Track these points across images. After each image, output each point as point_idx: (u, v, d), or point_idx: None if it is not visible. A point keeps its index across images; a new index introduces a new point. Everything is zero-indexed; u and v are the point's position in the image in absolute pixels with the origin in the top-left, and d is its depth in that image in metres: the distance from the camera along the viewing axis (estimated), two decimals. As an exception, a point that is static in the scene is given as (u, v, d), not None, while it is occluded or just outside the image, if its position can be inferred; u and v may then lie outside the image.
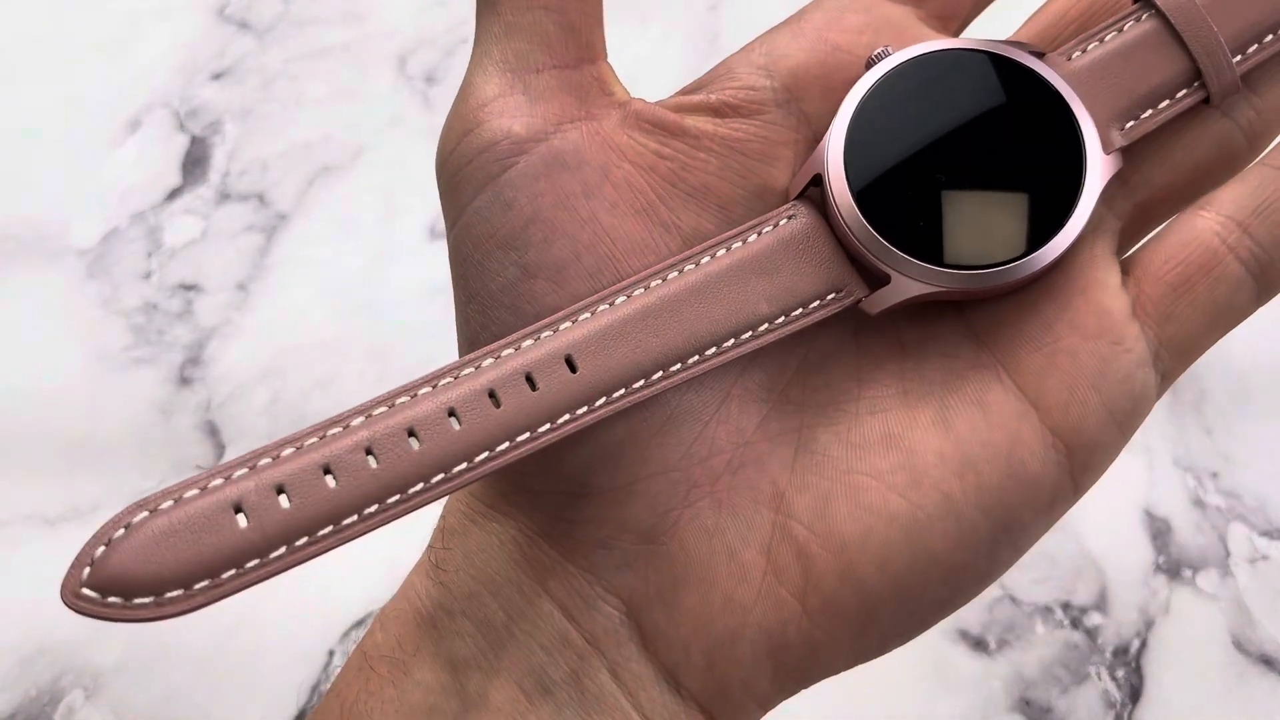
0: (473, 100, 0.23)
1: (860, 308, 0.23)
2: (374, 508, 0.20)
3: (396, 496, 0.20)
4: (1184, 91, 0.23)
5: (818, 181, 0.23)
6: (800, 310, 0.22)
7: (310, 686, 0.36)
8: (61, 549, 0.42)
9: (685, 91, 0.24)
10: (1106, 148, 0.22)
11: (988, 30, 0.25)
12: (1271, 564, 0.38)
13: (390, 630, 0.23)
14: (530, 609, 0.22)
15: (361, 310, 0.44)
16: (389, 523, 0.20)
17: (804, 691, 0.26)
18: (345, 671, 0.23)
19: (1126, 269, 0.23)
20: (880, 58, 0.23)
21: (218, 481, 0.19)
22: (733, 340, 0.22)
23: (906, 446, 0.22)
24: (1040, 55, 0.23)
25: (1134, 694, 0.36)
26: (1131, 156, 0.23)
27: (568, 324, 0.21)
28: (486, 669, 0.22)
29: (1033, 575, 0.38)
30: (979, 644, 0.37)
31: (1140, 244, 0.23)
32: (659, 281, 0.22)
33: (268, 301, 0.44)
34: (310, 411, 0.42)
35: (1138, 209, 0.24)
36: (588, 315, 0.21)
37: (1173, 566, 0.38)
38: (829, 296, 0.22)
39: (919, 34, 0.24)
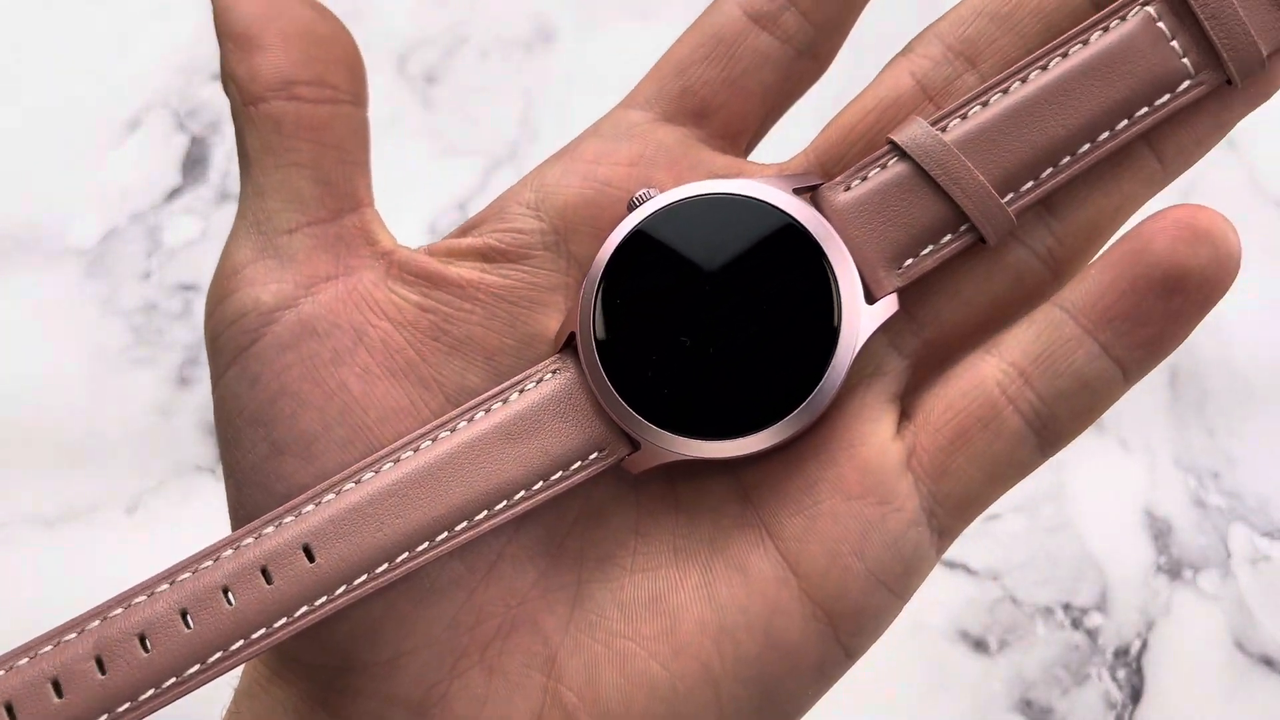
0: (225, 267, 0.23)
1: (623, 467, 0.22)
2: (103, 717, 0.20)
3: (126, 705, 0.20)
4: (950, 236, 0.21)
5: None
6: (561, 474, 0.21)
7: None
8: (60, 549, 0.42)
9: (457, 232, 0.23)
10: (878, 290, 0.21)
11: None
12: (1272, 564, 0.38)
13: None
14: None
15: (361, 310, 0.44)
16: None
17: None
18: None
19: (910, 413, 0.22)
20: (641, 200, 0.22)
21: None
22: (486, 512, 0.21)
23: (671, 611, 0.21)
24: (814, 187, 0.22)
25: (1135, 694, 0.36)
26: (920, 291, 0.22)
27: (310, 507, 0.21)
28: None
29: (1034, 576, 0.38)
30: (980, 645, 0.37)
31: (929, 387, 0.22)
32: (410, 453, 0.21)
33: (267, 301, 0.44)
34: (310, 412, 0.43)
35: (929, 346, 0.22)
36: (332, 496, 0.21)
37: (1174, 567, 0.38)
38: (591, 456, 0.22)
39: (696, 160, 0.23)
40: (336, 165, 0.22)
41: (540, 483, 0.21)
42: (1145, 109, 0.21)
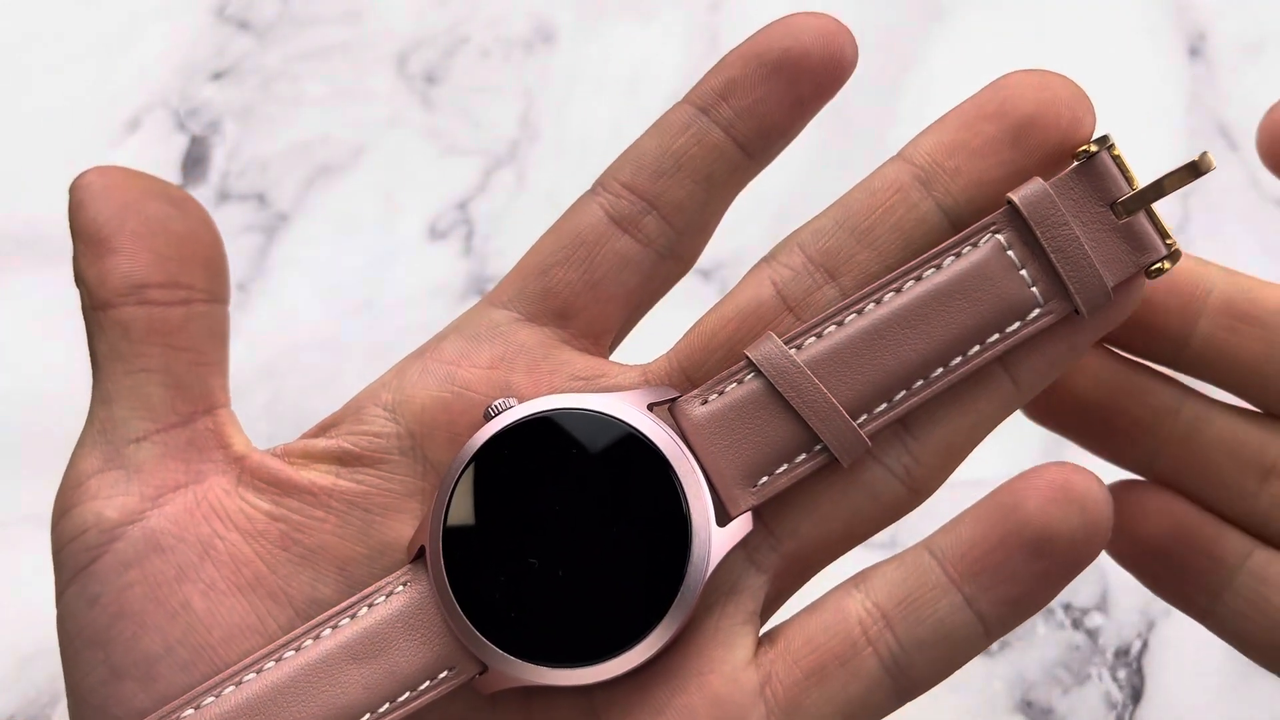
0: (70, 478, 0.22)
1: (473, 687, 0.21)
2: None
3: None
4: (805, 455, 0.21)
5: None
6: (408, 694, 0.21)
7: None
8: (61, 549, 0.42)
9: (314, 431, 0.23)
10: (732, 508, 0.21)
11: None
12: (1273, 564, 0.38)
13: None
14: None
15: (361, 310, 0.44)
16: None
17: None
18: None
19: (773, 637, 0.22)
20: (497, 411, 0.21)
21: None
22: None
23: None
24: (674, 400, 0.22)
25: (1135, 695, 0.36)
26: (777, 506, 0.22)
27: None
28: None
29: (1034, 576, 0.38)
30: (980, 645, 0.37)
31: (794, 617, 0.22)
32: (253, 675, 0.21)
33: (267, 302, 0.44)
34: (310, 411, 0.42)
35: (788, 560, 0.22)
36: None
37: (1174, 567, 0.38)
38: (441, 675, 0.21)
39: (558, 362, 0.22)
40: (189, 368, 0.22)
41: (387, 704, 0.21)
42: (996, 335, 0.21)
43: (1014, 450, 0.27)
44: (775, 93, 0.21)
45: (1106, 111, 0.46)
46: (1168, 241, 0.21)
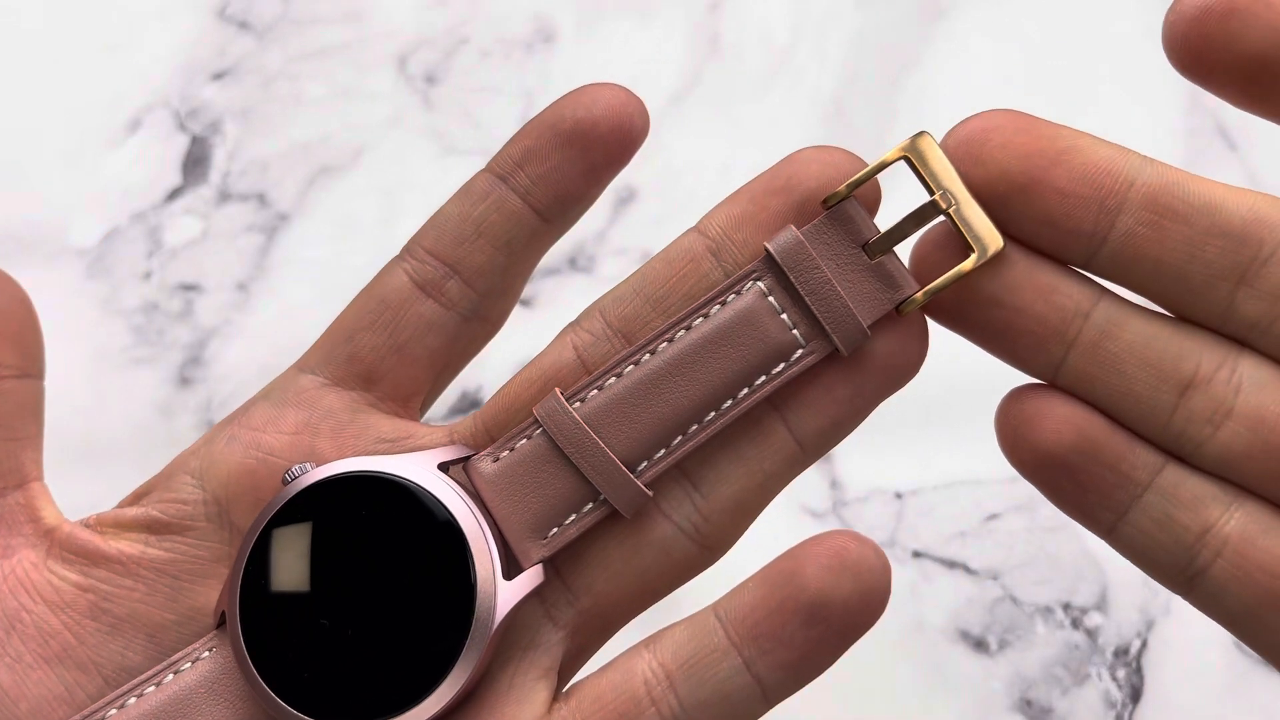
0: None
1: None
2: None
3: None
4: (591, 505, 0.22)
5: None
6: None
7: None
8: (61, 549, 0.42)
9: (128, 501, 0.23)
10: (524, 560, 0.22)
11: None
12: (1272, 564, 0.38)
13: None
14: None
15: (362, 310, 0.44)
16: None
17: (802, 691, 0.26)
18: None
19: (569, 694, 0.22)
20: (294, 477, 0.22)
21: None
22: None
23: None
24: (467, 459, 0.22)
25: (1135, 694, 0.36)
26: (573, 562, 0.22)
27: None
28: None
29: (1033, 576, 0.38)
30: (980, 644, 0.37)
31: (589, 675, 0.22)
32: None
33: (268, 301, 0.44)
34: (310, 411, 0.43)
35: (585, 616, 0.22)
36: None
37: (1173, 567, 0.38)
38: None
39: (364, 425, 0.23)
40: (0, 444, 0.22)
41: None
42: (763, 377, 0.22)
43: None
44: (568, 161, 0.22)
45: (1106, 112, 0.46)
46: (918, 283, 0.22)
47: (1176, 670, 0.37)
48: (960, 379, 0.31)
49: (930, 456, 0.40)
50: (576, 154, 0.22)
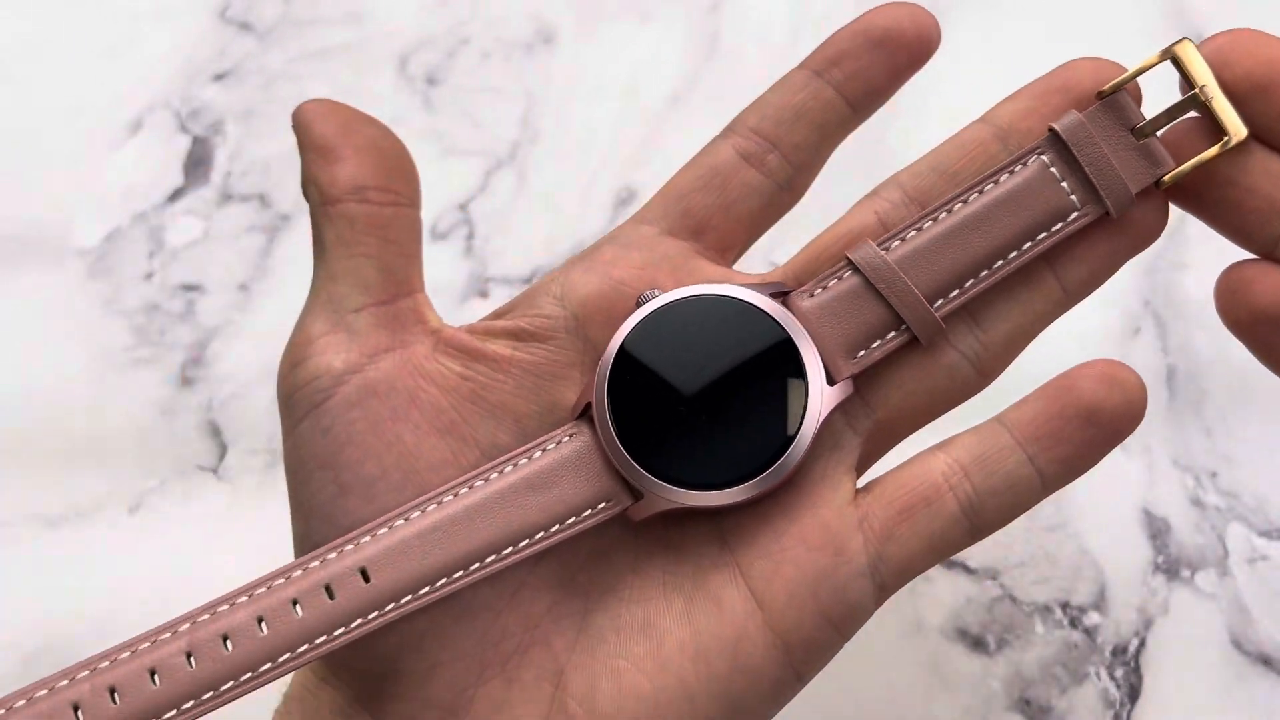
0: (301, 337, 0.27)
1: (627, 515, 0.26)
2: (190, 704, 0.24)
3: (209, 694, 0.24)
4: (894, 334, 0.26)
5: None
6: (574, 519, 0.26)
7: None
8: (63, 548, 0.42)
9: (493, 316, 0.28)
10: (837, 375, 0.26)
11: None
12: (1270, 564, 0.38)
13: None
14: None
15: (362, 310, 0.44)
16: (207, 713, 0.24)
17: (802, 691, 0.26)
18: None
19: (868, 488, 0.26)
20: (647, 299, 0.26)
21: (63, 684, 0.23)
22: (512, 548, 0.25)
23: (658, 635, 0.26)
24: (786, 293, 0.27)
25: (1133, 693, 0.36)
26: (872, 380, 0.27)
27: (367, 538, 0.25)
28: None
29: (1032, 575, 0.38)
30: (978, 643, 0.37)
31: (886, 473, 0.26)
32: (451, 497, 0.25)
33: (269, 302, 0.44)
34: (311, 411, 0.43)
35: (878, 426, 0.27)
36: (385, 531, 0.25)
37: (1171, 566, 0.38)
38: (599, 506, 0.26)
39: (693, 268, 0.27)
40: (395, 258, 0.27)
41: (556, 526, 0.25)
42: (1044, 234, 0.26)
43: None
44: (877, 61, 0.27)
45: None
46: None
47: (1175, 670, 0.37)
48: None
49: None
50: (885, 56, 0.27)
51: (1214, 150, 0.25)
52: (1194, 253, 0.42)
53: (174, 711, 0.23)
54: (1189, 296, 0.29)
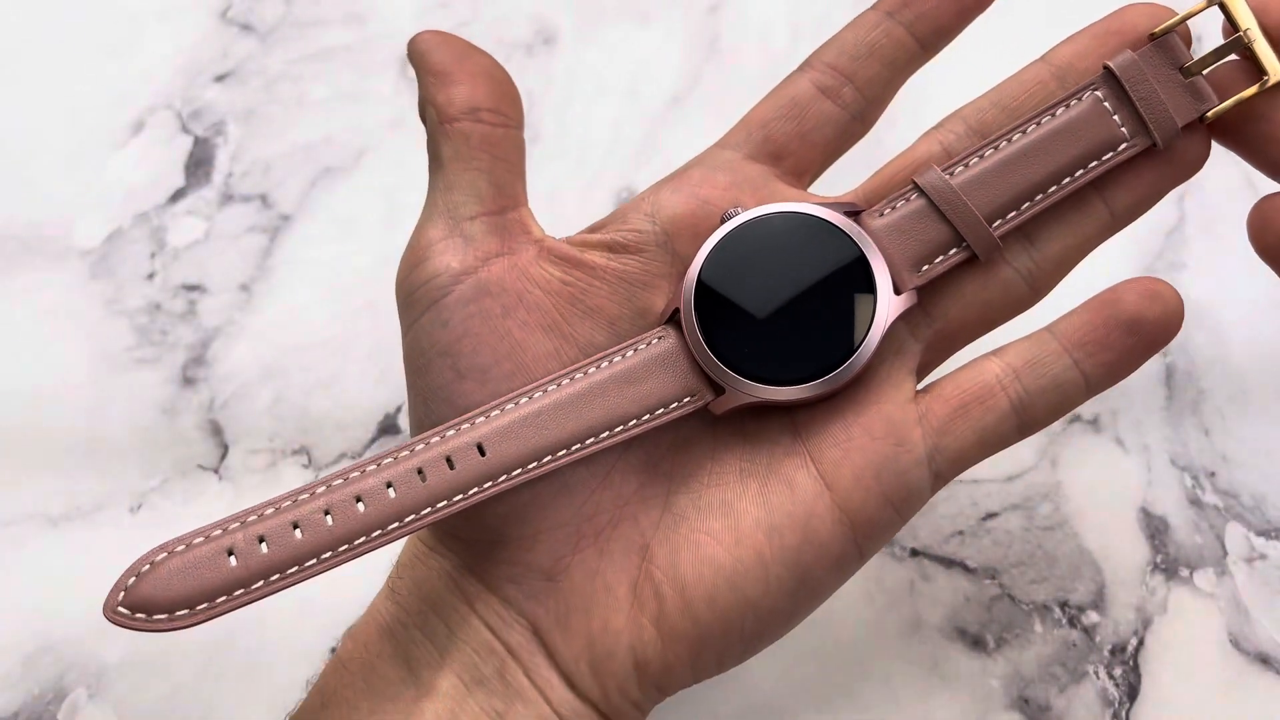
0: (422, 240, 0.29)
1: (709, 408, 0.29)
2: (329, 554, 0.26)
3: (345, 546, 0.26)
4: (955, 250, 0.29)
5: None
6: (662, 410, 0.29)
7: (311, 682, 0.36)
8: (64, 548, 0.42)
9: (589, 230, 0.30)
10: (902, 287, 0.29)
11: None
12: (1269, 563, 0.38)
13: (358, 640, 0.30)
14: (464, 624, 0.29)
15: (364, 311, 0.44)
16: (340, 565, 0.26)
17: (802, 690, 0.26)
18: (324, 673, 0.30)
19: (928, 389, 0.29)
20: (730, 215, 0.29)
21: (217, 533, 0.26)
22: (607, 433, 0.28)
23: (735, 513, 0.28)
24: (858, 213, 0.29)
25: (1132, 692, 0.37)
26: (934, 293, 0.29)
27: (482, 419, 0.28)
28: (433, 665, 0.29)
29: (1031, 574, 0.38)
30: (977, 642, 0.37)
31: (944, 375, 0.29)
32: (554, 386, 0.28)
33: (271, 302, 0.45)
34: (313, 411, 0.43)
35: (938, 335, 0.30)
36: (498, 413, 0.28)
37: (1170, 565, 0.38)
38: (685, 400, 0.29)
39: (773, 190, 0.30)
40: (504, 173, 0.29)
41: (647, 415, 0.28)
42: (1095, 162, 0.28)
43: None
44: (946, 3, 0.29)
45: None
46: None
47: (1173, 669, 0.37)
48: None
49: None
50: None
51: (1253, 89, 0.28)
52: (1193, 253, 0.42)
53: (314, 560, 0.26)
54: (1187, 296, 0.29)
